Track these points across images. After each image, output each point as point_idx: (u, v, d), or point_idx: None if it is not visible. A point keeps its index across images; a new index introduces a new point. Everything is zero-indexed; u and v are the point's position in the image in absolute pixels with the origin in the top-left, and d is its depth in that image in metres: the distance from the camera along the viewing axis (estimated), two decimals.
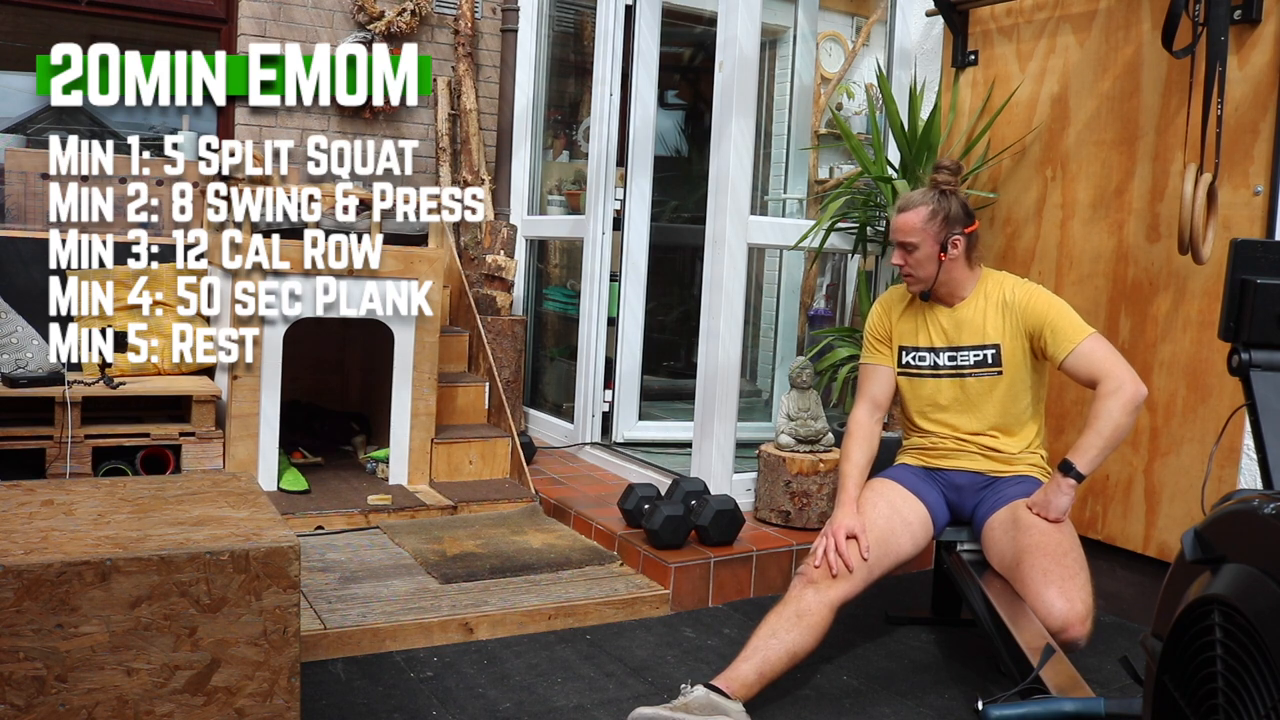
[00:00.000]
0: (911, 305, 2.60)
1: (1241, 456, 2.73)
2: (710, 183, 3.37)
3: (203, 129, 4.44)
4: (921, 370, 2.56)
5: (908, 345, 2.58)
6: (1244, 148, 2.75)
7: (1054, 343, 2.41)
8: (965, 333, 2.51)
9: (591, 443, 4.20)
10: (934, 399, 2.55)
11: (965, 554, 2.59)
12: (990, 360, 2.49)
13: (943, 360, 2.53)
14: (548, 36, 4.86)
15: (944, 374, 2.53)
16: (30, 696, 1.64)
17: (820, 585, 2.30)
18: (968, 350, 2.51)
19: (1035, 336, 2.44)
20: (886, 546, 2.39)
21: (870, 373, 2.64)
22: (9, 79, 4.39)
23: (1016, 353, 2.47)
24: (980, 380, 2.50)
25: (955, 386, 2.52)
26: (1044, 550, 2.27)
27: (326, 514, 3.24)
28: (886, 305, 2.66)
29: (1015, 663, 2.20)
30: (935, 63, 3.71)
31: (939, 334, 2.54)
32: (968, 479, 2.54)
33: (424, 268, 3.53)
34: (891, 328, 2.61)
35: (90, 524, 1.84)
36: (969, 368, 2.51)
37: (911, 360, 2.57)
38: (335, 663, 2.45)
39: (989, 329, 2.49)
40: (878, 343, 2.64)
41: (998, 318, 2.49)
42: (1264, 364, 1.70)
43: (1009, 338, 2.47)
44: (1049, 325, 2.41)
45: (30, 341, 3.26)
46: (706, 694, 2.14)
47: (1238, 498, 1.34)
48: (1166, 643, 1.36)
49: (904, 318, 2.60)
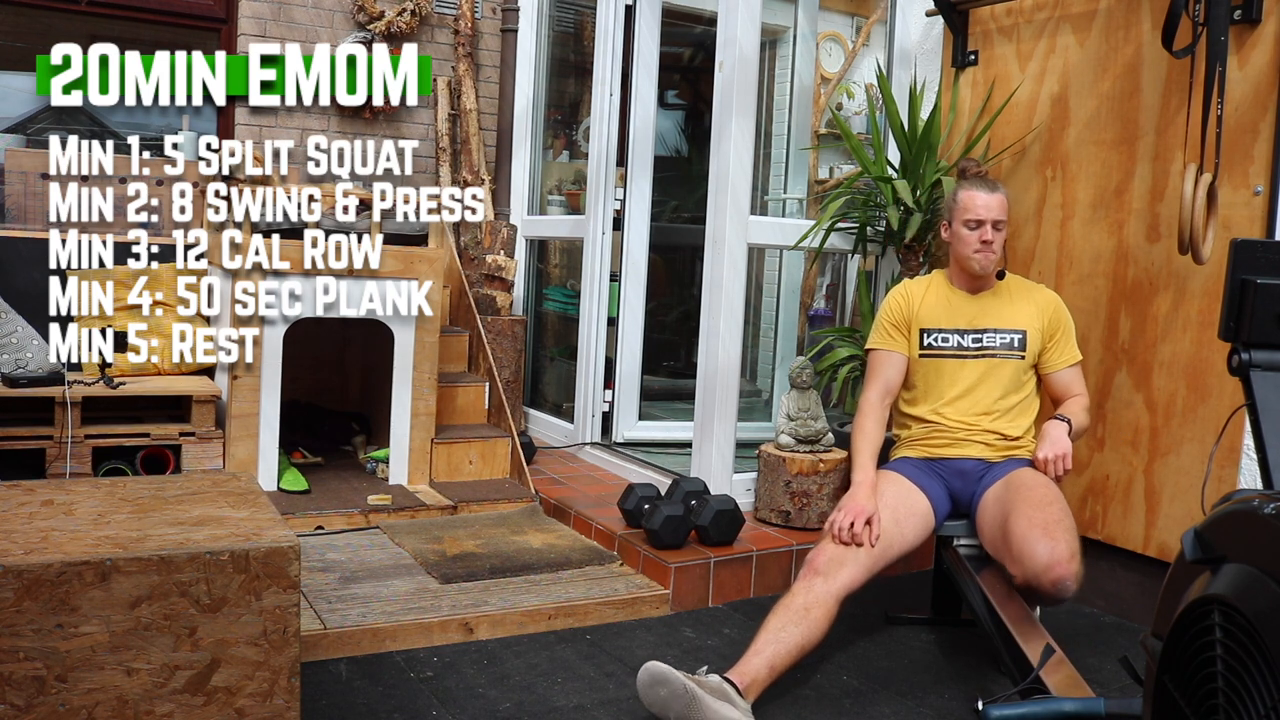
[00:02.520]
0: (933, 293, 2.70)
1: (1241, 456, 2.73)
2: (710, 183, 3.37)
3: (203, 129, 4.43)
4: (944, 351, 2.64)
5: (930, 327, 2.66)
6: (1244, 148, 2.75)
7: (1059, 351, 2.64)
8: (991, 317, 2.64)
9: (591, 443, 4.20)
10: (954, 380, 2.62)
11: (962, 549, 2.61)
12: (1017, 344, 2.63)
13: (967, 342, 2.63)
14: (548, 36, 4.86)
15: (968, 354, 2.63)
16: (30, 696, 1.64)
17: (828, 576, 2.32)
18: (994, 332, 2.63)
19: (1048, 335, 2.64)
20: (890, 538, 2.43)
21: (884, 359, 2.69)
22: (9, 79, 4.39)
23: (1036, 343, 2.63)
24: (1004, 361, 2.62)
25: (979, 367, 2.62)
26: (1029, 501, 2.37)
27: (326, 514, 3.24)
28: (907, 292, 2.73)
29: (1015, 663, 2.20)
30: (935, 63, 3.71)
31: (963, 318, 2.65)
32: (972, 465, 2.61)
33: (424, 268, 3.53)
34: (913, 313, 2.68)
35: (90, 524, 1.84)
36: (995, 348, 2.63)
37: (934, 341, 2.65)
38: (335, 663, 2.45)
39: (1019, 316, 2.64)
40: (894, 329, 2.70)
41: (1028, 307, 2.65)
42: (1264, 364, 1.70)
43: (1035, 328, 2.63)
44: (1063, 334, 2.65)
45: (30, 341, 3.26)
46: (721, 682, 2.15)
47: (1238, 498, 1.34)
48: (1166, 643, 1.36)
49: (926, 303, 2.69)
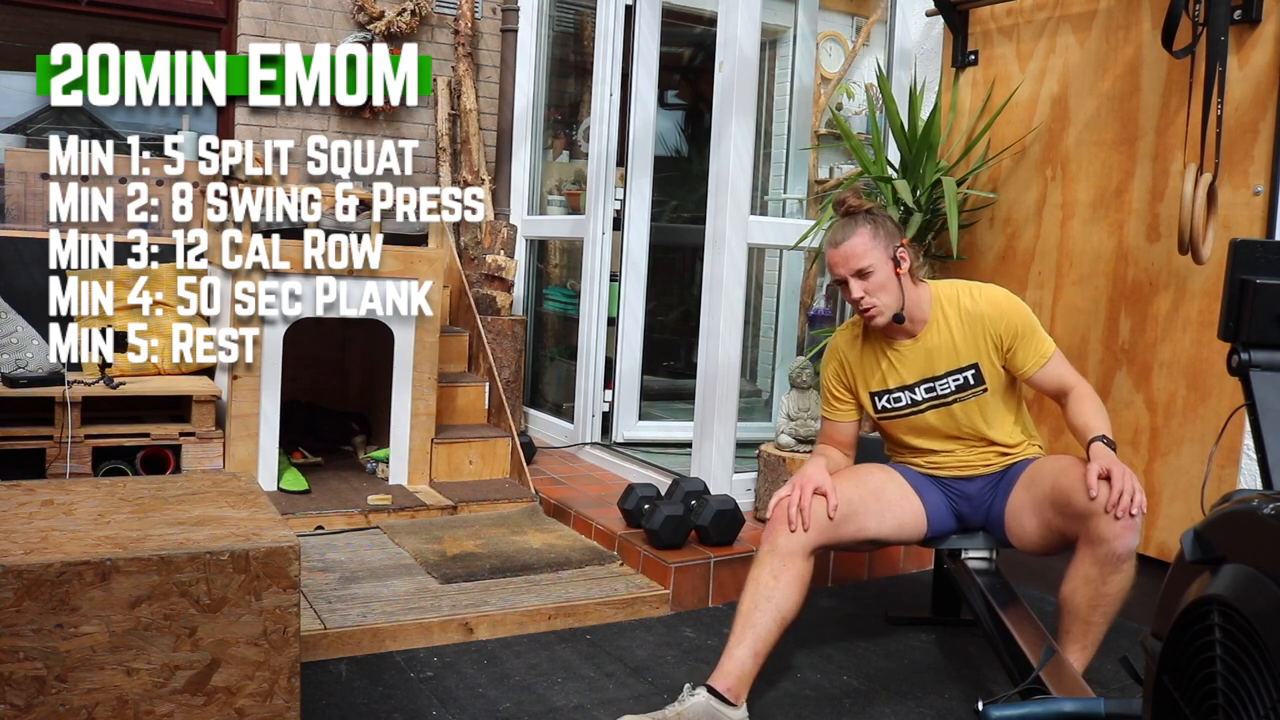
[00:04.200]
0: (869, 347, 2.43)
1: (1241, 456, 2.73)
2: (710, 183, 3.37)
3: (203, 129, 4.44)
4: (900, 410, 2.41)
5: (878, 390, 2.42)
6: (1244, 148, 2.75)
7: (1024, 355, 2.33)
8: (938, 360, 2.36)
9: (591, 443, 4.20)
10: (922, 430, 2.42)
11: (971, 561, 2.54)
12: (972, 381, 2.35)
13: (920, 395, 2.38)
14: (548, 36, 4.86)
15: (925, 407, 2.38)
16: (30, 696, 1.64)
17: (789, 535, 2.20)
18: (945, 377, 2.36)
19: (1003, 348, 2.33)
20: (863, 507, 2.29)
21: (832, 429, 2.50)
22: (9, 79, 4.39)
23: (995, 364, 2.35)
24: (965, 404, 2.36)
25: (941, 415, 2.38)
26: (1069, 467, 2.21)
27: (326, 514, 3.24)
28: (840, 355, 2.48)
29: (1015, 663, 2.20)
30: (935, 63, 3.71)
31: (909, 370, 2.38)
32: (977, 486, 2.42)
33: (424, 268, 3.53)
34: (854, 378, 2.45)
35: (90, 524, 1.84)
36: (951, 394, 2.36)
37: (887, 404, 2.42)
38: (335, 663, 2.45)
39: (961, 348, 2.34)
40: (836, 399, 2.48)
41: (967, 332, 2.34)
42: (1264, 364, 1.70)
43: (984, 352, 2.34)
44: (1020, 337, 2.32)
45: (30, 341, 3.26)
46: (707, 701, 2.10)
47: (1238, 498, 1.34)
48: (1166, 643, 1.36)
49: (864, 363, 2.44)
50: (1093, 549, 2.12)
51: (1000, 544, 2.45)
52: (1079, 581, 2.16)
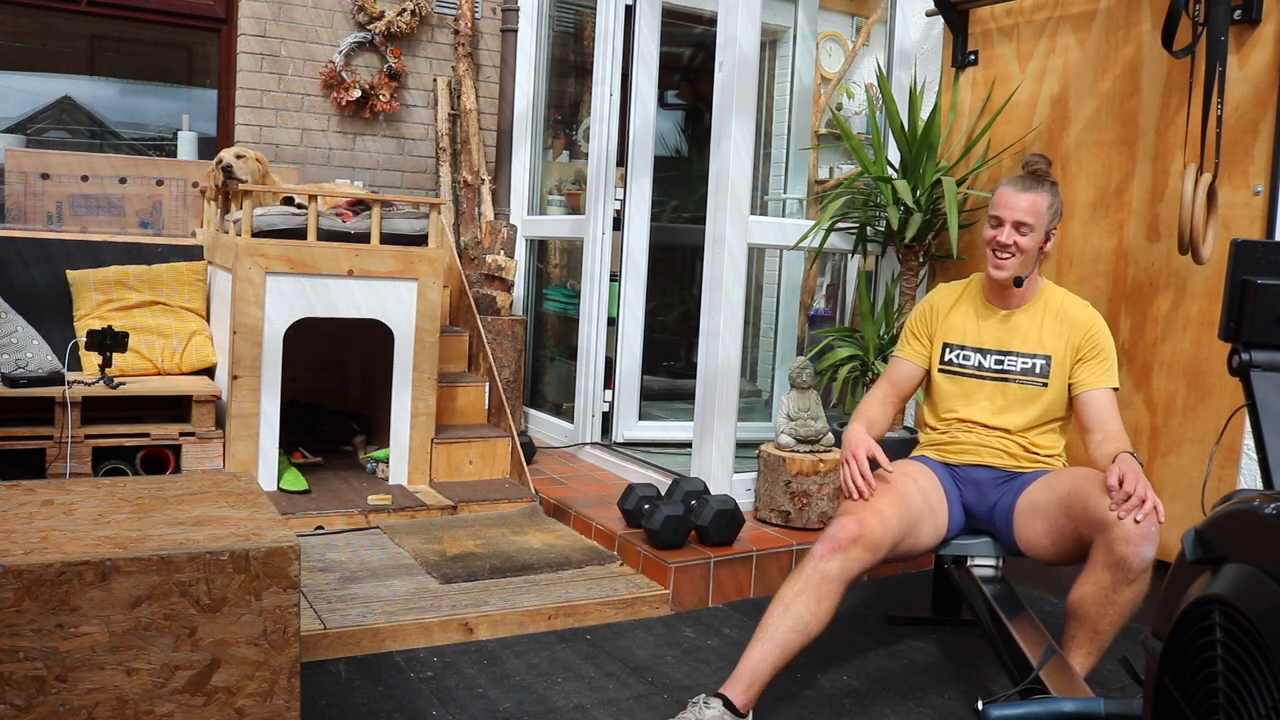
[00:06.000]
0: (963, 305, 2.54)
1: (1241, 456, 2.73)
2: (710, 183, 3.37)
3: (203, 129, 4.43)
4: (964, 369, 2.49)
5: (953, 342, 2.51)
6: (1244, 148, 2.75)
7: (1089, 371, 2.39)
8: (1018, 339, 2.45)
9: (591, 443, 4.20)
10: (969, 398, 2.48)
11: (977, 568, 2.51)
12: (1039, 370, 2.43)
13: (988, 362, 2.47)
14: (548, 36, 4.86)
15: (987, 376, 2.47)
16: (30, 696, 1.64)
17: (848, 554, 2.18)
18: (1017, 356, 2.45)
19: (1078, 356, 2.41)
20: (913, 526, 2.31)
21: (895, 365, 2.59)
22: (9, 79, 4.39)
23: (1065, 368, 2.42)
24: (1024, 388, 2.43)
25: (996, 390, 2.46)
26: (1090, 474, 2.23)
27: (326, 514, 3.24)
28: (933, 301, 2.59)
29: (1015, 663, 2.20)
30: (935, 63, 3.71)
31: (990, 337, 2.48)
32: (987, 475, 2.45)
33: (424, 268, 3.53)
34: (937, 324, 2.54)
35: (90, 524, 1.84)
36: (1015, 374, 2.44)
37: (955, 358, 2.50)
38: (335, 663, 2.45)
39: (1045, 339, 2.43)
40: (914, 338, 2.58)
41: (1055, 327, 2.43)
42: (1264, 364, 1.70)
43: (1061, 351, 2.42)
44: (1096, 354, 2.40)
45: (30, 341, 3.26)
46: (721, 716, 2.07)
47: (1238, 498, 1.34)
48: (1167, 643, 1.36)
49: (954, 315, 2.54)
50: (1107, 556, 2.10)
51: (1008, 551, 2.45)
52: (1090, 588, 2.14)
